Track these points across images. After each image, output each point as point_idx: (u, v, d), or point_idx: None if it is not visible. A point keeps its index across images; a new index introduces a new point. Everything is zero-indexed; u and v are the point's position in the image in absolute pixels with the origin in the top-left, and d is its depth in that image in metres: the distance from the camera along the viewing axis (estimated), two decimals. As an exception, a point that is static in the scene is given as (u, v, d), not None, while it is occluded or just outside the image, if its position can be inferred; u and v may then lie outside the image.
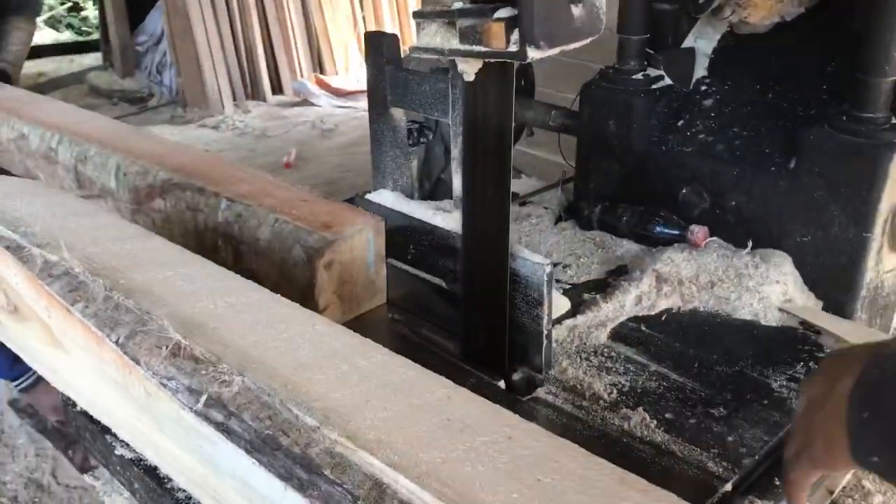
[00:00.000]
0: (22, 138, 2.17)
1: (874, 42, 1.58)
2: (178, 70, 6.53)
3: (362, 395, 0.95)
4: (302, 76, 6.96)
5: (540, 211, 2.18)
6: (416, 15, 1.28)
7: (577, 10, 1.16)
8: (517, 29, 1.14)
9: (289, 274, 1.54)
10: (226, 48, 6.55)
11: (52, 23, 8.55)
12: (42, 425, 3.05)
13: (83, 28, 8.87)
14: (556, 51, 1.17)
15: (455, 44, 1.24)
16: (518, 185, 2.50)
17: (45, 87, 6.72)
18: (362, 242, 1.56)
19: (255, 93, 6.82)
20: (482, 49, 1.20)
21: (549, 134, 2.33)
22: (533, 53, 1.15)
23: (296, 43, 6.95)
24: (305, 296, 1.50)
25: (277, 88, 6.92)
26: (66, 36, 8.75)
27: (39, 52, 7.39)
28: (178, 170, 1.79)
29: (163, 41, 6.91)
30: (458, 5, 1.22)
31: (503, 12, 1.15)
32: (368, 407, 0.92)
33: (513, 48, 1.16)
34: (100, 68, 7.52)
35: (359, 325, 1.57)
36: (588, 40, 1.20)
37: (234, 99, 6.65)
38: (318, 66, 7.13)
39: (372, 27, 7.28)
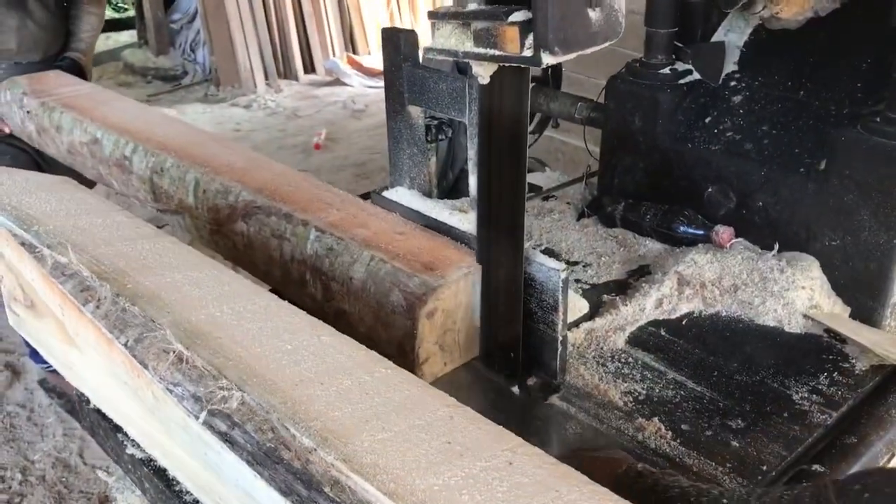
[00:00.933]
0: (95, 143, 2.03)
1: (912, 41, 1.51)
2: (212, 48, 6.56)
3: (362, 414, 0.93)
4: (334, 55, 6.96)
5: (563, 206, 2.14)
6: (431, 15, 1.25)
7: (594, 14, 1.12)
8: (532, 33, 1.11)
9: (386, 320, 1.39)
10: (258, 26, 6.56)
11: (90, -1, 8.59)
12: (70, 405, 3.10)
13: (120, 4, 8.92)
14: (571, 56, 1.14)
15: (469, 46, 1.20)
16: (542, 179, 2.46)
17: (80, 64, 6.76)
18: (468, 286, 1.39)
19: (287, 72, 6.84)
20: (496, 53, 1.16)
21: (576, 123, 2.29)
22: (547, 59, 1.11)
23: (328, 21, 6.93)
24: (403, 346, 1.37)
25: (310, 67, 6.92)
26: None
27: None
28: (260, 190, 1.65)
29: (197, 19, 6.94)
30: (472, 7, 1.19)
31: (518, 16, 1.12)
32: (368, 427, 0.91)
33: (527, 53, 1.13)
34: (134, 46, 7.57)
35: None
36: (606, 44, 1.16)
37: (267, 78, 6.66)
38: (351, 45, 7.11)
39: (406, 7, 7.23)
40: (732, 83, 1.90)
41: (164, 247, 1.33)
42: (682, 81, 1.92)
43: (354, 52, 7.06)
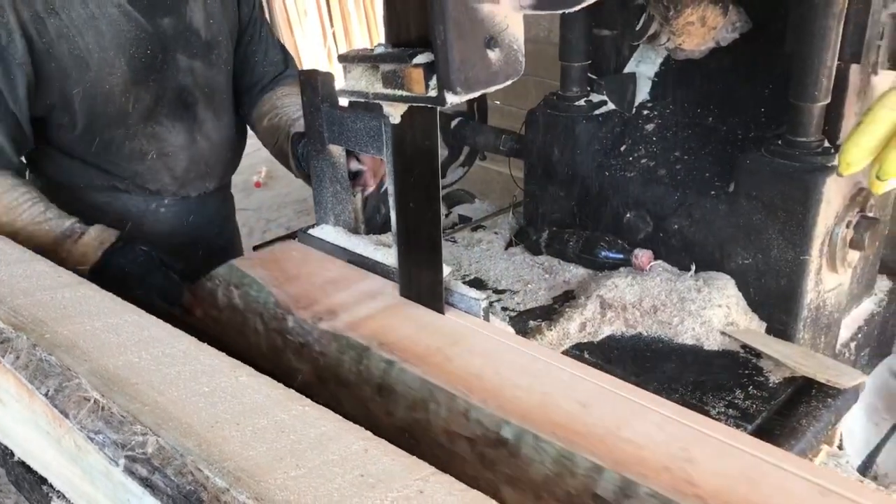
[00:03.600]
0: (498, 445, 1.03)
1: (804, 67, 1.60)
2: (147, 90, 6.51)
3: (276, 452, 0.95)
4: (272, 93, 6.96)
5: (491, 236, 2.19)
6: (342, 58, 1.29)
7: (493, 55, 1.16)
8: (435, 75, 1.15)
9: None
10: (194, 67, 6.53)
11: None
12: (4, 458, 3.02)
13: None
14: (474, 94, 1.18)
15: (379, 88, 1.25)
16: (471, 210, 2.51)
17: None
18: None
19: (225, 111, 6.81)
20: (404, 94, 1.20)
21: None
22: (451, 99, 1.15)
23: (265, 60, 6.94)
24: None
25: (248, 106, 6.91)
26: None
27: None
28: None
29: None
30: (379, 50, 1.23)
31: (421, 58, 1.16)
32: (282, 465, 0.92)
33: (432, 93, 1.17)
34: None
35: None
36: (508, 82, 1.21)
37: (205, 117, 6.63)
38: (289, 82, 7.12)
39: (342, 43, 7.29)
40: (645, 112, 1.98)
41: (85, 294, 1.33)
42: (597, 112, 1.99)
43: (293, 88, 7.09)
